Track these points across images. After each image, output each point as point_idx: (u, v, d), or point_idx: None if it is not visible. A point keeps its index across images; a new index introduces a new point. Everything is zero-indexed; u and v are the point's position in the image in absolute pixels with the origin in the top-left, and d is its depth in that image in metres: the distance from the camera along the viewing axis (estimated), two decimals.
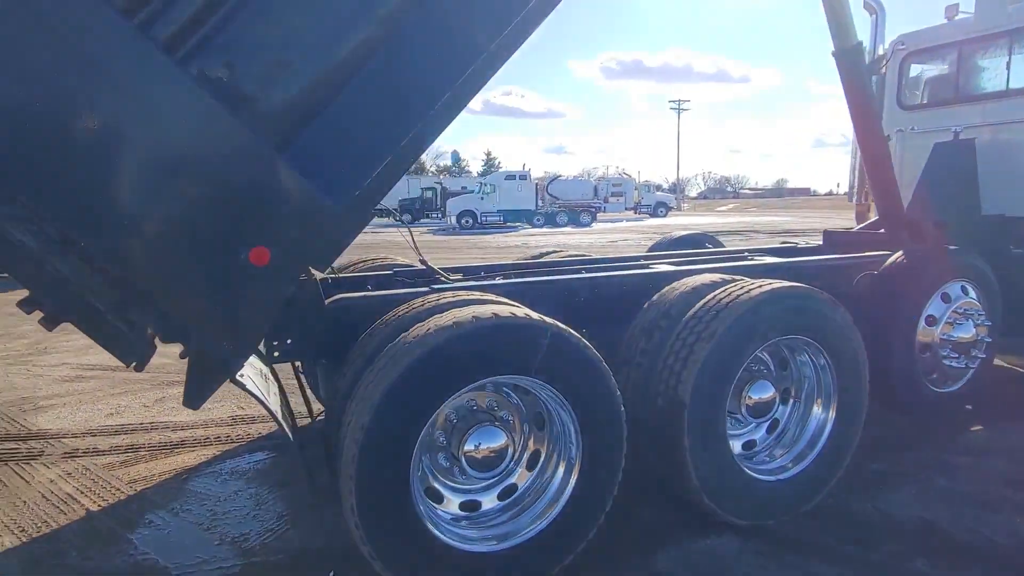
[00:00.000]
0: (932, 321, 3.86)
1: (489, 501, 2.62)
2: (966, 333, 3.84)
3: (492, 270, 4.18)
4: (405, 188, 55.21)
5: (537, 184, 39.05)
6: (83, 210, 1.81)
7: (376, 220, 2.82)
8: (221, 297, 1.99)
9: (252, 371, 2.37)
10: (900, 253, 3.86)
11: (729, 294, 2.84)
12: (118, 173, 1.82)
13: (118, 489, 3.36)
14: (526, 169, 41.89)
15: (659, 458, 2.81)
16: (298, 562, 2.72)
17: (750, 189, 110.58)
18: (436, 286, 3.10)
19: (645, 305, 3.04)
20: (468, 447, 2.43)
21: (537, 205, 36.40)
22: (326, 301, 2.84)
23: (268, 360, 2.73)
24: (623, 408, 2.56)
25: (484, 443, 2.45)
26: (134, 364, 2.14)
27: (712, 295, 2.86)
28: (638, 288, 3.25)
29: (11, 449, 3.91)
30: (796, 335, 2.89)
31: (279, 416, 2.22)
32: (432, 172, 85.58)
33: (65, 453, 3.82)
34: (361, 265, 4.23)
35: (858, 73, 4.47)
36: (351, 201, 2.09)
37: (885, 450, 3.52)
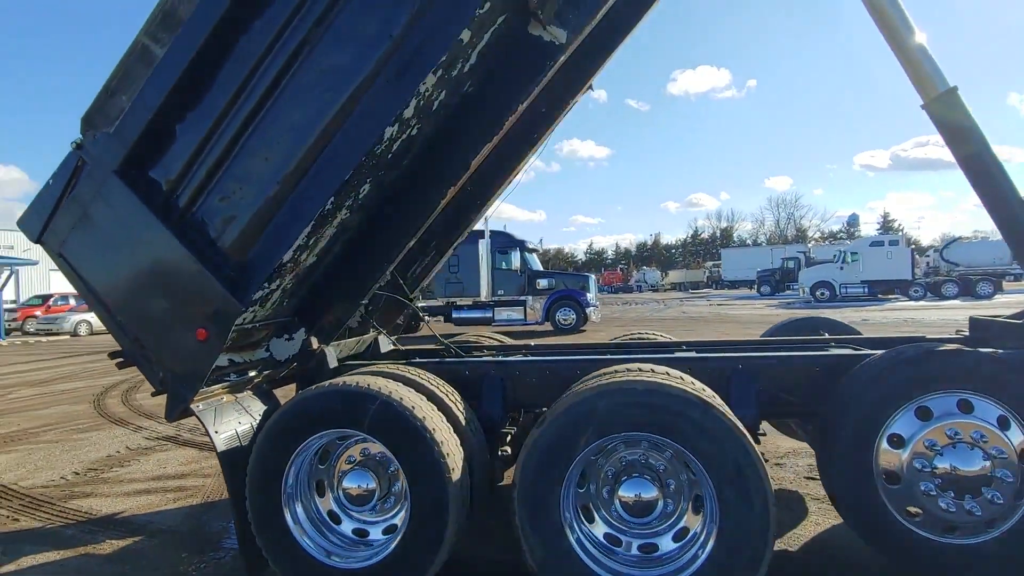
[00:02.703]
0: (898, 442, 2.74)
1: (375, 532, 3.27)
2: (961, 465, 2.59)
3: (508, 349, 4.66)
4: (767, 258, 52.74)
5: (914, 249, 32.80)
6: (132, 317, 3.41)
7: None
8: (179, 359, 3.31)
9: (232, 409, 3.59)
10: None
11: (585, 384, 2.92)
12: (149, 305, 3.36)
13: None
14: (912, 233, 35.63)
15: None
16: None
17: None
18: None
19: None
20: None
21: (913, 274, 30.53)
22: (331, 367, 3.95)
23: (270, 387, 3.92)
24: (448, 475, 2.94)
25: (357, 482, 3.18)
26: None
27: (576, 385, 2.97)
28: (562, 374, 3.45)
29: None
30: (646, 433, 2.74)
31: (218, 447, 3.35)
32: (816, 240, 79.04)
33: None
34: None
35: (956, 124, 3.54)
36: (250, 301, 3.21)
37: None
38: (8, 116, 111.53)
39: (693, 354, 4.06)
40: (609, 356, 3.79)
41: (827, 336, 4.49)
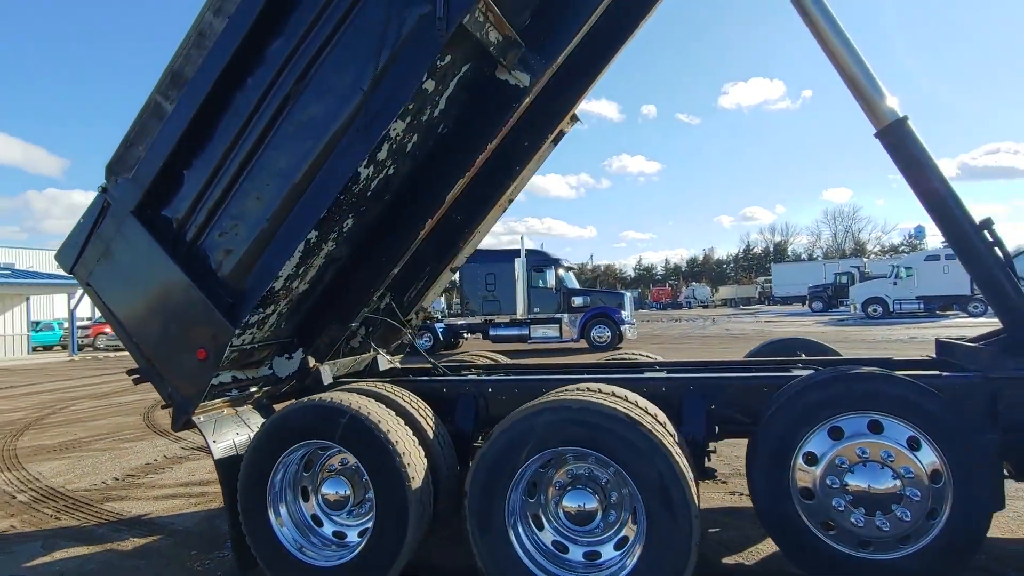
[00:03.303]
0: (811, 460, 2.83)
1: (352, 535, 3.60)
2: (872, 483, 2.67)
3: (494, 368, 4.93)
4: (820, 273, 51.13)
5: None
6: (145, 338, 3.88)
7: None
8: (183, 376, 3.75)
9: (232, 421, 4.00)
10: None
11: (530, 402, 3.19)
12: (159, 328, 3.82)
13: None
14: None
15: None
16: None
17: None
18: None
19: None
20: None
21: (973, 289, 29.12)
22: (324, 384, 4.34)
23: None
24: (408, 483, 3.24)
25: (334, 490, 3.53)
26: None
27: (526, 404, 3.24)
28: (527, 392, 3.72)
29: None
30: (580, 447, 2.98)
31: (215, 455, 3.75)
32: (875, 253, 76.06)
33: None
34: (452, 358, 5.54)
35: (908, 152, 3.66)
36: (243, 324, 3.62)
37: None
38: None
39: (661, 374, 4.25)
40: (572, 376, 4.03)
41: (802, 357, 4.60)
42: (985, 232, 3.60)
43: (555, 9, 3.84)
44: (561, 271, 20.99)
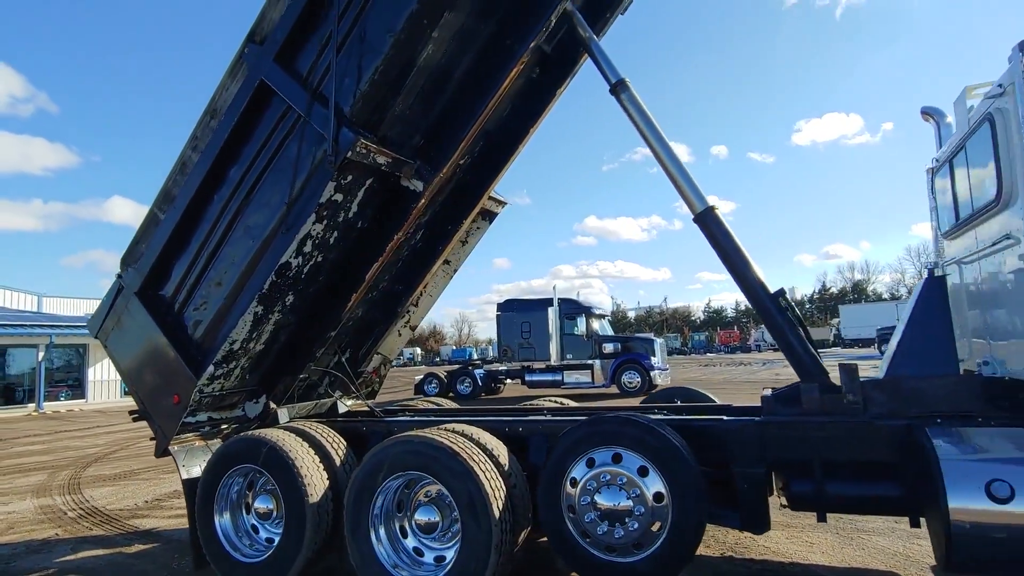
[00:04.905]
0: (574, 483, 3.59)
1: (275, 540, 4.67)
2: (610, 501, 3.42)
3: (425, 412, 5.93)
4: (891, 315, 48.74)
5: None
6: (140, 386, 5.19)
7: None
8: (163, 415, 5.00)
9: (201, 452, 5.18)
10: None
11: (390, 438, 4.21)
12: (148, 379, 5.12)
13: None
14: None
15: None
16: None
17: None
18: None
19: None
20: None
21: None
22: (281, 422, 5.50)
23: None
24: (307, 498, 4.29)
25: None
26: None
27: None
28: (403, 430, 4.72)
29: None
30: (418, 472, 3.95)
31: (182, 476, 4.93)
32: None
33: None
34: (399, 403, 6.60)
35: (720, 234, 4.49)
36: (209, 377, 4.83)
37: None
38: None
39: (525, 418, 5.09)
40: (445, 419, 4.96)
41: (677, 403, 5.36)
42: (779, 300, 4.36)
43: (441, 132, 5.00)
44: (592, 319, 21.72)
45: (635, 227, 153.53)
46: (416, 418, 5.32)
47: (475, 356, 61.65)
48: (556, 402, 6.20)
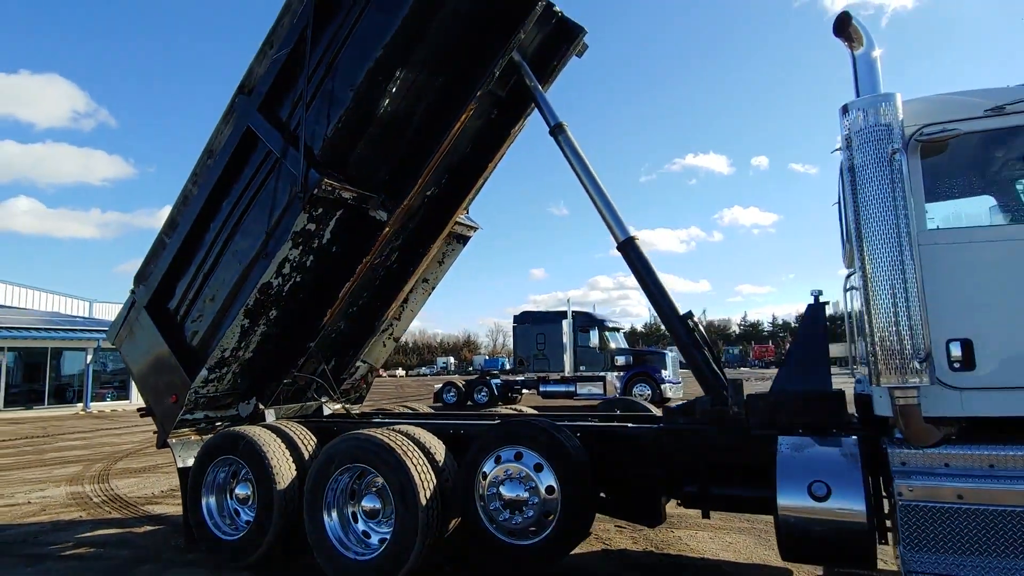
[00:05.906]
0: (484, 476, 4.18)
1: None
2: (511, 493, 4.02)
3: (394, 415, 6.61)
4: None
5: None
6: (146, 387, 6.02)
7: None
8: (164, 413, 5.80)
9: (197, 445, 5.96)
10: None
11: (343, 435, 4.91)
12: (153, 381, 5.95)
13: None
14: None
15: None
16: None
17: None
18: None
19: None
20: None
21: None
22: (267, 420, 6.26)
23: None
24: (275, 484, 5.01)
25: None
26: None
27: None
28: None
29: None
30: (362, 464, 4.62)
31: (178, 465, 5.71)
32: None
33: None
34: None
35: (638, 261, 5.06)
36: (203, 380, 5.62)
37: None
38: None
39: (471, 423, 5.70)
40: (396, 420, 5.62)
41: (617, 412, 5.91)
42: (688, 321, 4.91)
43: (403, 169, 5.72)
44: (605, 331, 22.17)
45: (674, 238, 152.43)
46: (384, 420, 6.02)
47: (507, 366, 62.43)
48: (515, 409, 6.82)
